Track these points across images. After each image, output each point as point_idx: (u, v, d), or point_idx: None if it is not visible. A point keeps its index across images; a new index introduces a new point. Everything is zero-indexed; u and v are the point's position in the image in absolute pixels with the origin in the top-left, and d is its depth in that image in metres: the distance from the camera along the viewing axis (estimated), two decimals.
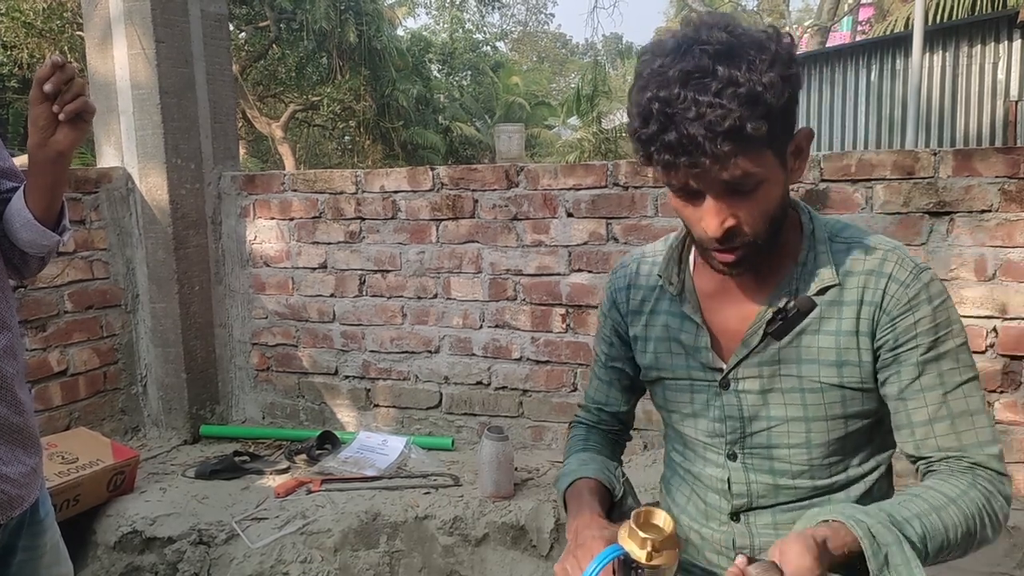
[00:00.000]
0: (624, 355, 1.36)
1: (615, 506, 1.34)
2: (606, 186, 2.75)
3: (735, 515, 1.22)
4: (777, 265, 1.15)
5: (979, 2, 8.29)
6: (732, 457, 1.21)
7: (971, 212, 2.37)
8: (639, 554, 1.02)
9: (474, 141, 20.57)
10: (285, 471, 2.83)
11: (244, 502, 2.60)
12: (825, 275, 1.12)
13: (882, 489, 1.24)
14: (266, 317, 3.26)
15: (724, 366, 1.18)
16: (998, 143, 7.32)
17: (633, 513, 1.05)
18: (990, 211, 2.34)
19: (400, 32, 20.72)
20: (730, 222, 1.01)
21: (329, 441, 2.99)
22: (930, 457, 1.10)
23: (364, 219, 3.07)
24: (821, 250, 1.13)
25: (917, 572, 0.96)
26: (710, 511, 1.26)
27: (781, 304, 1.11)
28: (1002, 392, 2.38)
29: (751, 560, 0.98)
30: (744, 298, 1.17)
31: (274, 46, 15.03)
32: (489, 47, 26.89)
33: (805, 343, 1.13)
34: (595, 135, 15.86)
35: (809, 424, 1.14)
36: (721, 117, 0.92)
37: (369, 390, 3.16)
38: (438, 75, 22.62)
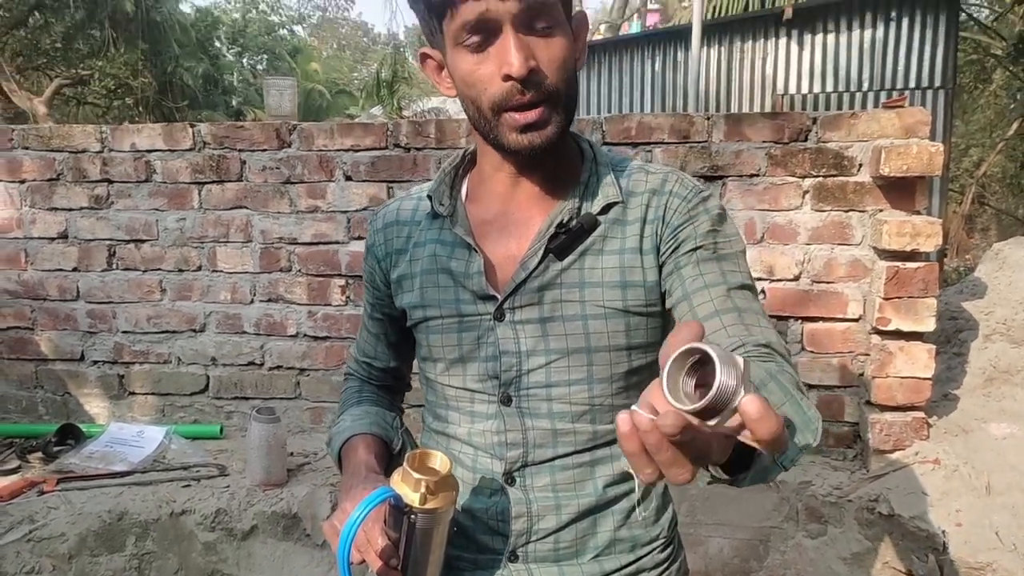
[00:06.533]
0: (387, 305, 1.23)
1: (394, 459, 1.20)
2: (386, 147, 2.58)
3: (509, 477, 1.10)
4: (557, 187, 1.09)
5: (751, 2, 8.94)
6: (506, 401, 1.09)
7: (741, 176, 2.42)
8: (412, 497, 0.92)
9: None
10: (14, 471, 2.43)
11: None
12: (609, 192, 1.08)
13: None
14: None
15: (499, 296, 1.08)
16: None
17: (407, 455, 0.95)
18: (758, 175, 2.41)
19: (185, 8, 19.33)
20: (532, 62, 0.97)
21: (72, 435, 2.60)
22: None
23: (112, 182, 2.69)
24: (603, 172, 1.10)
25: (812, 414, 0.87)
26: (479, 479, 1.13)
27: (563, 220, 1.06)
28: None
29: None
30: (521, 223, 1.10)
31: (35, 12, 13.43)
32: (286, 30, 25.70)
33: (588, 264, 1.06)
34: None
35: (591, 356, 1.07)
36: None
37: (123, 376, 2.80)
38: (229, 56, 21.32)
